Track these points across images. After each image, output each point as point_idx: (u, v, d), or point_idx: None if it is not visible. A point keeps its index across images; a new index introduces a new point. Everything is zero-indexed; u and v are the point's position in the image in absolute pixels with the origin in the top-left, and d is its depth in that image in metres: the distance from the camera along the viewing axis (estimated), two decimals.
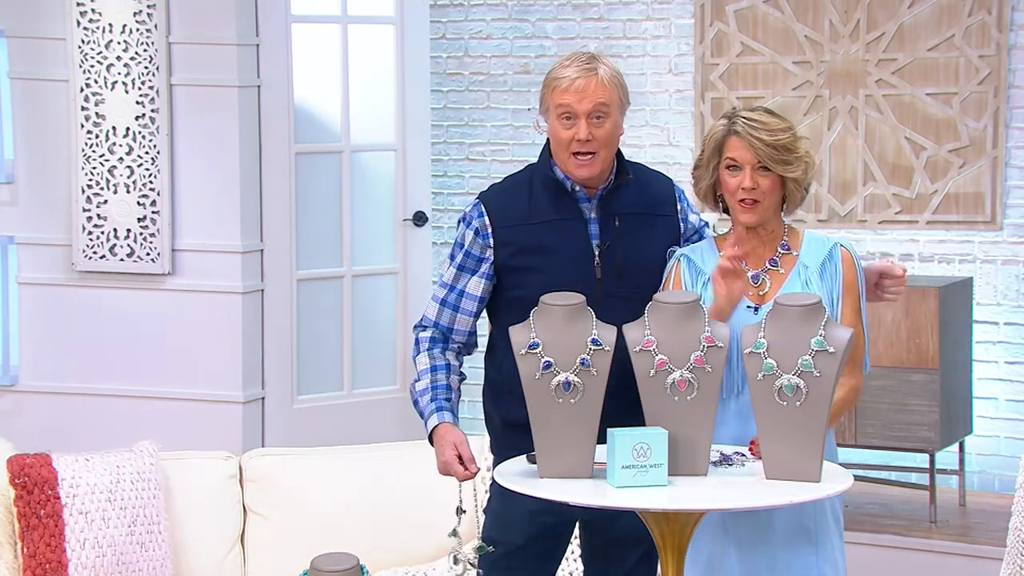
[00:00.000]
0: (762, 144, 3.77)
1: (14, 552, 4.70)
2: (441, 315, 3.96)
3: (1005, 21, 6.63)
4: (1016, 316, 6.67)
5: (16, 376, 6.61)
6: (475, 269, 3.92)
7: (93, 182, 6.38)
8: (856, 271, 3.83)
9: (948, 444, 6.27)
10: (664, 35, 7.33)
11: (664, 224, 3.97)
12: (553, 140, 3.89)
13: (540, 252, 3.86)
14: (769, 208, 3.81)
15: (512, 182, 4.00)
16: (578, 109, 3.82)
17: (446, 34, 7.65)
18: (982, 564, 5.81)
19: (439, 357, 3.95)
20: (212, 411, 6.33)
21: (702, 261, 3.88)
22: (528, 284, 3.83)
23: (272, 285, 6.40)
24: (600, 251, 3.86)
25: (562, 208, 3.89)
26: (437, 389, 3.91)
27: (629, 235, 3.89)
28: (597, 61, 3.87)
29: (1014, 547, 4.25)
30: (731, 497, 3.50)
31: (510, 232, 3.89)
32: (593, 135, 3.83)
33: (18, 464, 4.76)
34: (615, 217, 3.89)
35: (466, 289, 3.93)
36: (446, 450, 3.80)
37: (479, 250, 3.92)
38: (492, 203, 3.93)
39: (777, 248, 3.85)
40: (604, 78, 3.84)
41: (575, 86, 3.82)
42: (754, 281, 3.83)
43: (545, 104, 3.90)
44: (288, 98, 6.43)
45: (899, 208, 6.85)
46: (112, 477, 4.82)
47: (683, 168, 7.34)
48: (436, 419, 3.86)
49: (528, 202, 3.90)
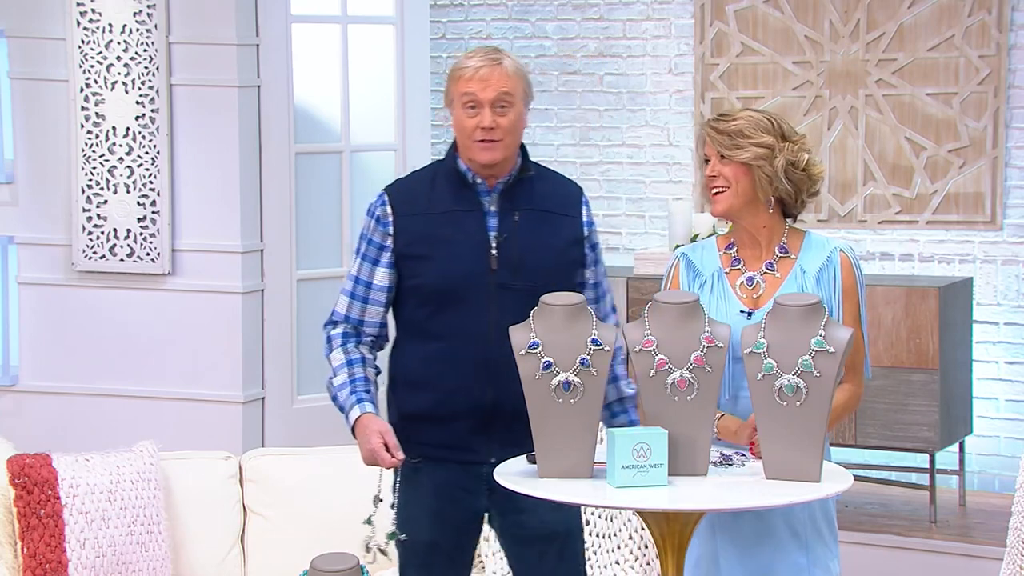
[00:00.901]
0: (714, 132, 3.81)
1: (14, 552, 4.70)
2: (351, 308, 3.99)
3: (1005, 21, 6.63)
4: (1016, 316, 6.67)
5: (16, 376, 6.60)
6: (377, 259, 3.95)
7: (93, 182, 6.37)
8: (855, 277, 3.82)
9: (948, 444, 6.27)
10: (664, 35, 7.33)
11: (565, 224, 3.99)
12: (458, 130, 3.91)
13: (437, 242, 3.90)
14: (737, 198, 3.80)
15: (417, 175, 4.06)
16: (482, 97, 3.86)
17: (446, 34, 7.65)
18: (982, 564, 5.81)
19: (353, 351, 3.98)
20: (212, 411, 6.33)
21: (700, 262, 3.88)
22: (424, 273, 3.89)
23: (272, 285, 6.40)
24: (497, 243, 3.89)
25: (462, 200, 3.92)
26: (356, 382, 3.93)
27: (527, 230, 3.91)
28: (501, 54, 3.93)
29: (1014, 547, 4.25)
30: (731, 497, 3.50)
31: (410, 221, 3.92)
32: (497, 123, 3.87)
33: (18, 464, 4.76)
34: (515, 211, 3.92)
35: (373, 280, 3.96)
36: (372, 438, 3.84)
37: (380, 238, 3.95)
38: (395, 193, 3.99)
39: (775, 251, 3.85)
40: (508, 69, 3.90)
41: (479, 75, 3.86)
42: (748, 284, 3.83)
43: (450, 96, 3.93)
44: (288, 98, 6.43)
45: (899, 208, 6.85)
46: (112, 477, 4.82)
47: (683, 168, 7.35)
48: (358, 410, 3.89)
49: (430, 193, 3.94)
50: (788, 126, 3.85)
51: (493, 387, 3.86)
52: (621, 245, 7.46)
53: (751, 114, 3.83)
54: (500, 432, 3.88)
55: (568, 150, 7.58)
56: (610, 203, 7.50)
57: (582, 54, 7.51)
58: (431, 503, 3.91)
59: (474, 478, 3.90)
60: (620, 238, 7.48)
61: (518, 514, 3.91)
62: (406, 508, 3.95)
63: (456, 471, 3.91)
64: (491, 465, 3.84)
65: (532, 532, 3.93)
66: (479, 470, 3.89)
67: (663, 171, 7.39)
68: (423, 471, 3.92)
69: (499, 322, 3.81)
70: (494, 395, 3.86)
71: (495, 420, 3.88)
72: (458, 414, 3.88)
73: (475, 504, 3.93)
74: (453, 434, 3.89)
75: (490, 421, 3.88)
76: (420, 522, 3.93)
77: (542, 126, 7.60)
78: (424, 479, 3.92)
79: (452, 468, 3.91)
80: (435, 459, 3.92)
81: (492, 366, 3.84)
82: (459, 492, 3.91)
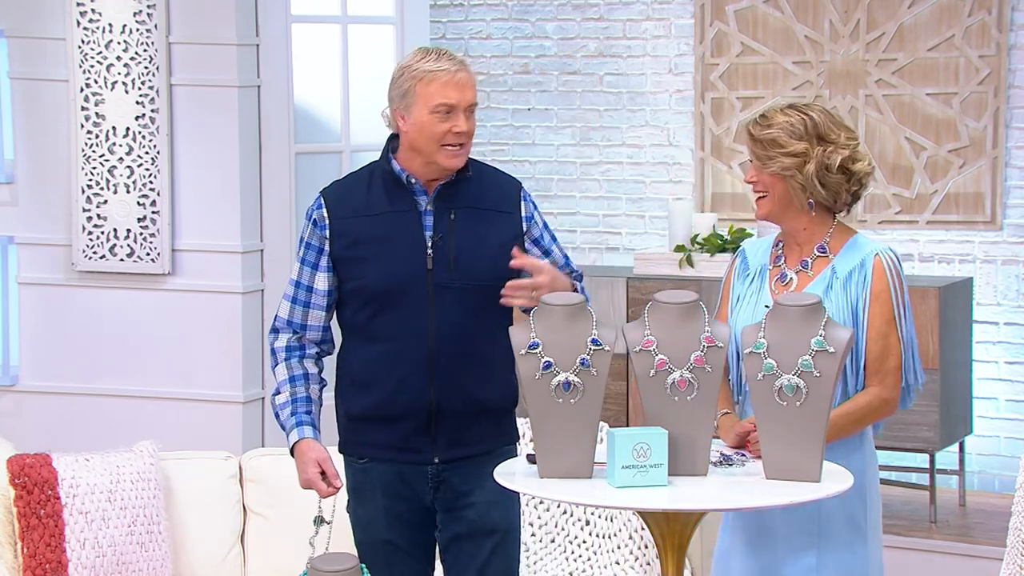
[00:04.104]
0: (750, 139, 3.84)
1: (14, 552, 4.70)
2: (293, 312, 3.98)
3: (1005, 21, 6.63)
4: (1016, 316, 6.67)
5: (16, 376, 6.60)
6: (316, 263, 3.93)
7: (93, 182, 6.37)
8: (887, 281, 3.78)
9: (948, 444, 6.27)
10: (664, 35, 7.33)
11: (503, 221, 3.96)
12: (422, 133, 3.84)
13: (373, 243, 3.88)
14: (774, 204, 3.82)
15: (352, 177, 4.02)
16: (459, 103, 3.83)
17: (446, 34, 7.65)
18: (982, 564, 5.81)
19: (296, 367, 3.97)
20: (212, 411, 6.33)
21: (753, 256, 3.94)
22: (362, 275, 3.88)
23: (272, 285, 6.40)
24: (433, 242, 3.87)
25: (397, 201, 3.90)
26: (297, 402, 3.94)
27: (463, 229, 3.90)
28: (460, 57, 3.90)
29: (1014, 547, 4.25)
30: (731, 497, 3.50)
31: (346, 223, 3.90)
32: (469, 129, 3.86)
33: (18, 464, 4.76)
34: (450, 211, 3.90)
35: (313, 285, 3.94)
36: (308, 467, 3.87)
37: (318, 241, 3.93)
38: (330, 196, 3.96)
39: (814, 250, 3.86)
40: (471, 73, 3.89)
41: (456, 79, 3.83)
42: (782, 280, 3.85)
43: (412, 97, 3.84)
44: (288, 98, 6.43)
45: (899, 208, 6.85)
46: (112, 477, 4.82)
47: (683, 168, 7.35)
48: (296, 434, 3.91)
49: (366, 195, 3.92)
50: (828, 125, 3.81)
51: (435, 387, 3.86)
52: (621, 245, 7.46)
53: (787, 119, 3.80)
54: (444, 432, 3.89)
55: (568, 150, 7.58)
56: (610, 203, 7.50)
57: (582, 54, 7.51)
58: (382, 502, 3.92)
59: (420, 476, 3.92)
60: (620, 238, 7.48)
61: (463, 509, 3.94)
62: (359, 509, 3.97)
63: (402, 469, 3.92)
64: (436, 465, 3.89)
65: (474, 527, 3.95)
66: (425, 469, 3.91)
67: (663, 171, 7.39)
68: (372, 471, 3.94)
69: (440, 322, 3.83)
70: (436, 394, 3.86)
71: (439, 420, 3.88)
72: (402, 414, 3.88)
73: (424, 501, 3.94)
74: (398, 434, 3.89)
75: (434, 421, 3.88)
76: (375, 522, 3.95)
77: (542, 126, 7.60)
78: (374, 479, 3.93)
79: (398, 467, 3.92)
80: (382, 459, 3.93)
81: (434, 366, 3.85)
82: (407, 490, 3.93)
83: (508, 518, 4.00)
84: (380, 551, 3.95)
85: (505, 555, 4.00)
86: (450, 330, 3.85)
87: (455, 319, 3.82)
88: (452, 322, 3.83)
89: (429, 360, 3.85)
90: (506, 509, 3.97)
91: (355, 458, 3.97)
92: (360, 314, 3.90)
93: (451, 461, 3.91)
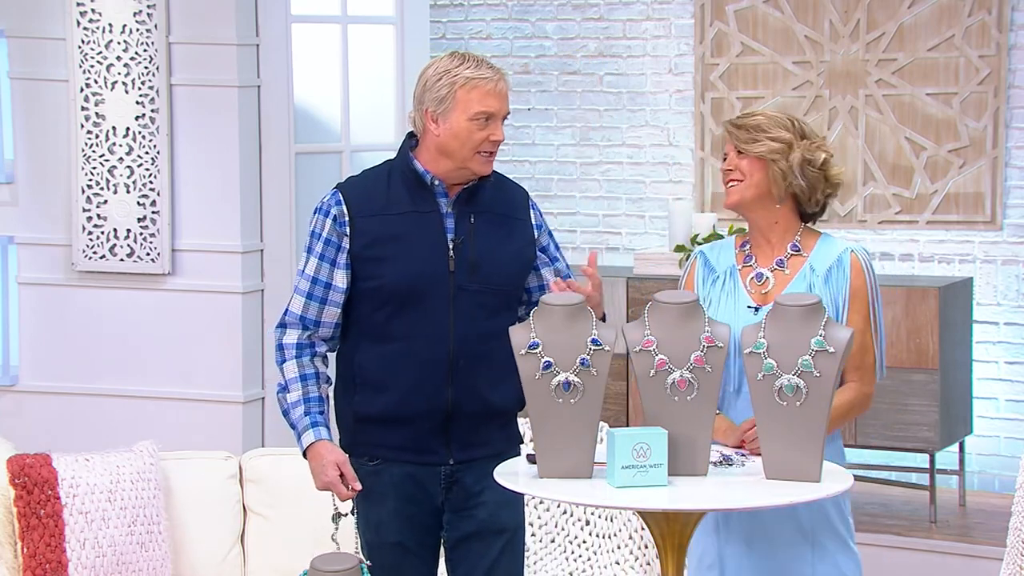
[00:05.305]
0: (733, 128, 3.86)
1: (14, 552, 4.70)
2: (308, 308, 3.94)
3: (1005, 21, 6.63)
4: (1016, 316, 6.67)
5: (16, 376, 6.60)
6: (335, 259, 3.90)
7: (93, 182, 6.37)
8: (865, 278, 3.82)
9: (948, 444, 6.27)
10: (664, 35, 7.33)
11: (519, 227, 3.98)
12: (457, 138, 3.82)
13: (394, 242, 3.86)
14: (749, 190, 3.83)
15: (371, 174, 3.98)
16: (499, 112, 3.84)
17: (446, 34, 7.65)
18: (982, 564, 5.81)
19: (308, 365, 3.94)
20: (212, 411, 6.33)
21: (716, 259, 3.92)
22: (381, 275, 3.85)
23: (272, 285, 6.40)
24: (454, 245, 3.87)
25: (419, 201, 3.88)
26: (310, 402, 3.91)
27: (483, 233, 3.90)
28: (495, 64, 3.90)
29: (1014, 547, 4.25)
30: (731, 497, 3.50)
31: (366, 222, 3.88)
32: (502, 137, 3.87)
33: (18, 464, 4.76)
34: (471, 215, 3.90)
35: (333, 281, 3.91)
36: (328, 470, 3.84)
37: (337, 237, 3.89)
38: (350, 192, 3.92)
39: (787, 248, 3.86)
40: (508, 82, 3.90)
41: (498, 88, 3.84)
42: (758, 280, 3.85)
43: (451, 103, 3.82)
44: (288, 98, 6.43)
45: (899, 208, 6.85)
46: (112, 477, 4.82)
47: (683, 168, 7.35)
48: (313, 435, 3.88)
49: (386, 193, 3.89)
50: (810, 128, 3.89)
51: (453, 388, 3.86)
52: (621, 245, 7.46)
53: (771, 114, 3.87)
54: (460, 433, 3.89)
55: (568, 150, 7.58)
56: (610, 203, 7.50)
57: (582, 54, 7.51)
58: (394, 504, 3.91)
59: (433, 477, 3.91)
60: (620, 238, 7.48)
61: (473, 509, 3.93)
62: (369, 511, 3.95)
63: (415, 471, 3.90)
64: (450, 466, 3.88)
65: (484, 526, 3.94)
66: (438, 470, 3.91)
67: (663, 171, 7.39)
68: (384, 473, 3.92)
69: (459, 324, 3.83)
70: (454, 396, 3.86)
71: (455, 421, 3.88)
72: (418, 415, 3.87)
73: (435, 502, 3.94)
74: (413, 435, 3.88)
75: (450, 422, 3.88)
76: (386, 524, 3.93)
77: (542, 126, 7.60)
78: (385, 481, 3.91)
79: (411, 468, 3.90)
80: (394, 460, 3.91)
81: (452, 367, 3.85)
82: (420, 492, 3.92)
83: (516, 518, 4.00)
84: (389, 553, 3.94)
85: (513, 554, 4.00)
86: (469, 332, 3.85)
87: (474, 321, 3.82)
88: (471, 324, 3.83)
89: (449, 361, 3.84)
90: (514, 509, 3.97)
91: (365, 460, 3.92)
92: (378, 313, 3.88)
93: (465, 462, 3.90)
